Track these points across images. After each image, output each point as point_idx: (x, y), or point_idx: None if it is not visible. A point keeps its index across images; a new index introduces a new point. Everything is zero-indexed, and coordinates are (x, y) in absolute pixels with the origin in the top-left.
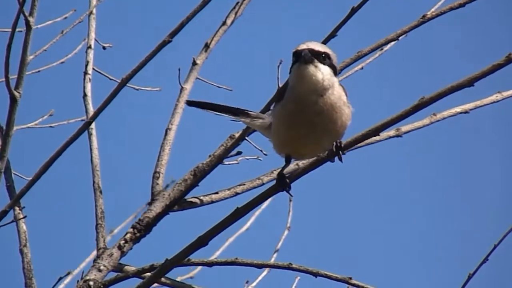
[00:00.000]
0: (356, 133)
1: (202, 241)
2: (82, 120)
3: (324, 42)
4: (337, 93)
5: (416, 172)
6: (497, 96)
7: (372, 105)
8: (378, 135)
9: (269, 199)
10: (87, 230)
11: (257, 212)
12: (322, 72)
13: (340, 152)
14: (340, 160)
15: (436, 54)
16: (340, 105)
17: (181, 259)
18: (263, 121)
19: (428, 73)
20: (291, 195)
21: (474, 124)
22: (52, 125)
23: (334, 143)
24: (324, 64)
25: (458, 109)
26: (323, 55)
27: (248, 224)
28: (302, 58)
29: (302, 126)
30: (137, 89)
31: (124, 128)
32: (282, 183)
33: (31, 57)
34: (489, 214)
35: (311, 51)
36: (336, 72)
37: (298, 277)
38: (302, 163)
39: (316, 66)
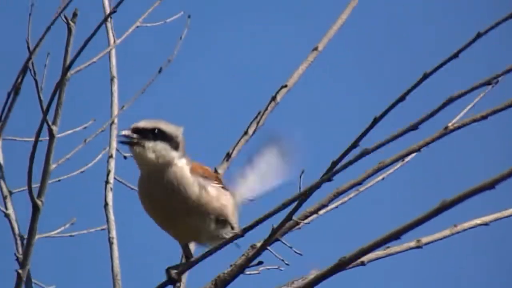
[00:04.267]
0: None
1: None
2: (102, 230)
3: (347, 153)
4: (178, 170)
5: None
6: None
7: (394, 215)
8: (400, 238)
9: None
10: None
11: None
12: (153, 150)
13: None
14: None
15: (459, 163)
16: (185, 181)
17: None
18: None
19: (451, 183)
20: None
21: (494, 235)
22: (73, 234)
23: (231, 234)
24: (156, 140)
25: (478, 221)
26: (154, 131)
27: None
28: (125, 142)
29: (156, 208)
30: None
31: (144, 236)
32: (168, 277)
33: (54, 166)
34: None
35: (136, 129)
36: (178, 147)
37: None
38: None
39: (143, 146)
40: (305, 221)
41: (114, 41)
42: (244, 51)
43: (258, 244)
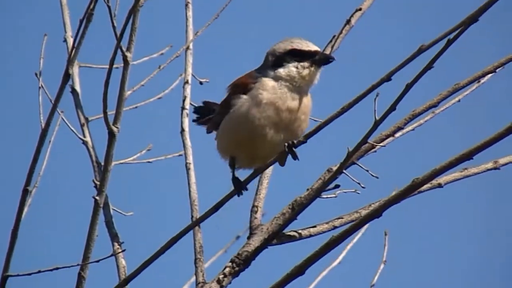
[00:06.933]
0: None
1: (299, 270)
2: (179, 155)
3: (421, 74)
4: (309, 97)
5: None
6: None
7: (470, 138)
8: (472, 158)
9: (363, 231)
10: (185, 264)
11: (350, 245)
12: None
13: (293, 149)
14: (294, 158)
15: None
16: (309, 108)
17: None
18: None
19: None
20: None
21: None
22: (150, 160)
23: (286, 144)
24: None
25: None
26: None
27: (340, 257)
28: (322, 62)
29: (272, 117)
30: None
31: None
32: (238, 186)
33: (129, 92)
34: None
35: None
36: None
37: None
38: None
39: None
40: (381, 144)
41: None
42: None
43: (334, 168)
